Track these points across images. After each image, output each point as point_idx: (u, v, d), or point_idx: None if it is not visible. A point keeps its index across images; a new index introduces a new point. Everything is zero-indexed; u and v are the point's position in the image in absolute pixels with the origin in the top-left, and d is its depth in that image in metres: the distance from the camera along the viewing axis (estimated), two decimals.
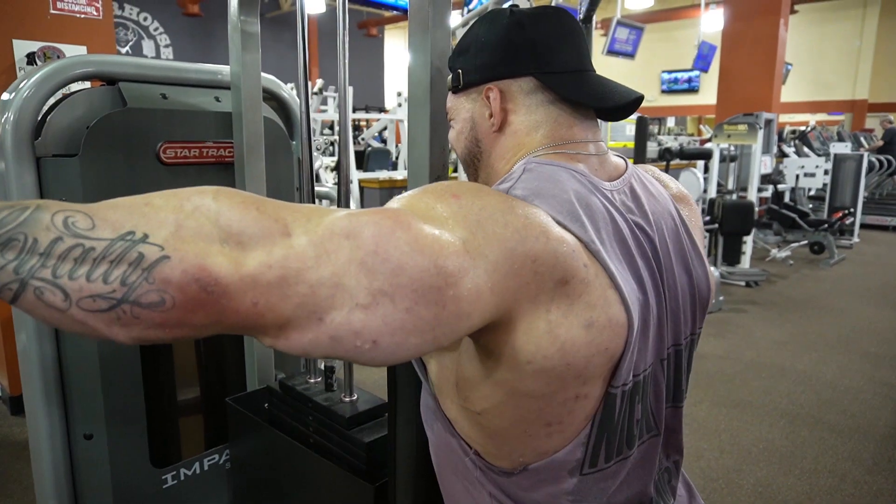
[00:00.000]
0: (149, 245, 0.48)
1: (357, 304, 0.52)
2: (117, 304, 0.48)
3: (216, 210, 0.52)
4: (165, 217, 0.50)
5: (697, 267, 0.79)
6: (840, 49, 14.20)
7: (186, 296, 0.48)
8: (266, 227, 0.52)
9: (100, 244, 0.48)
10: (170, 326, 0.49)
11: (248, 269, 0.50)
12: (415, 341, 0.54)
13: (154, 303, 0.48)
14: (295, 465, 1.11)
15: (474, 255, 0.55)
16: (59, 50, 2.80)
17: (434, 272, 0.53)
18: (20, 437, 2.63)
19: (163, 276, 0.48)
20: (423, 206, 0.58)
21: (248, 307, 0.51)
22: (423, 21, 0.84)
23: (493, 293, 0.56)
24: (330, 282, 0.52)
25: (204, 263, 0.49)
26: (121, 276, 0.48)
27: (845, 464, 2.52)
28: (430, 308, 0.53)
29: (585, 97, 0.73)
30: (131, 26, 10.17)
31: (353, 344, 0.53)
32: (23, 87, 1.09)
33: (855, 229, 7.57)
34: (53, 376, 1.17)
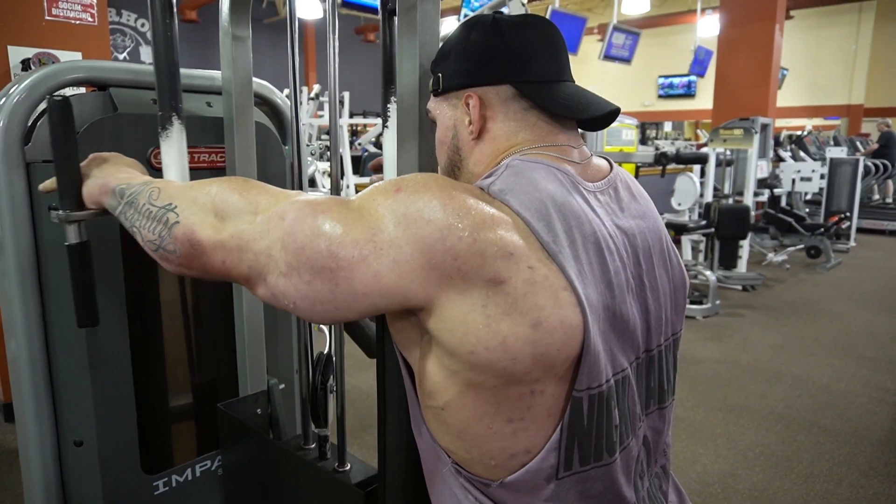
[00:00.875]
0: (173, 213, 0.76)
1: (280, 272, 0.67)
2: (157, 247, 0.78)
3: (217, 192, 0.75)
4: (190, 195, 0.77)
5: (675, 266, 0.80)
6: (836, 54, 14.26)
7: (184, 249, 0.74)
8: (241, 207, 0.72)
9: (155, 209, 0.79)
10: (183, 267, 0.76)
11: (220, 236, 0.72)
12: (321, 308, 0.66)
13: (171, 251, 0.76)
14: (286, 472, 1.10)
15: (383, 245, 0.63)
16: (54, 56, 2.81)
17: (326, 255, 0.64)
18: (12, 445, 2.62)
19: (174, 234, 0.75)
20: (366, 199, 0.67)
21: (219, 264, 0.72)
22: (411, 26, 0.84)
23: (399, 278, 0.62)
24: (265, 252, 0.68)
25: (195, 229, 0.74)
26: (159, 230, 0.77)
27: (841, 468, 2.51)
28: (325, 284, 0.64)
29: (561, 108, 0.74)
30: (129, 32, 10.18)
31: (284, 302, 0.68)
32: (13, 93, 1.09)
33: (851, 233, 7.59)
34: (43, 383, 1.16)
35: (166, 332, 1.39)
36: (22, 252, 1.11)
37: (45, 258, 1.13)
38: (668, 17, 13.77)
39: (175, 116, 1.09)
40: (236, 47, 1.18)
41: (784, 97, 9.47)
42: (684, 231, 4.85)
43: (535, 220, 0.64)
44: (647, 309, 0.74)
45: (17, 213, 1.10)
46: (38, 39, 2.77)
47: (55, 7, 2.79)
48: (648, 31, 9.10)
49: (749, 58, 7.20)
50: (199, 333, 1.46)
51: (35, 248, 1.12)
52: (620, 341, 0.70)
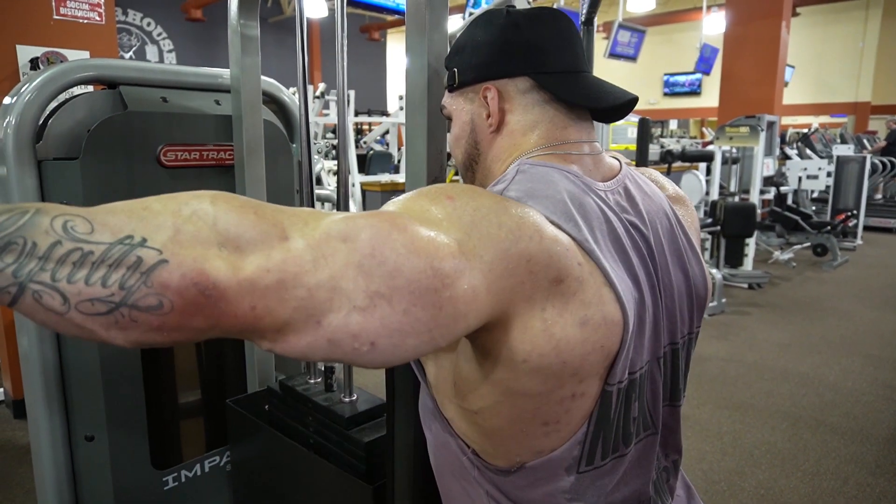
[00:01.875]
0: (147, 249, 0.48)
1: (354, 306, 0.52)
2: (116, 307, 0.48)
3: (214, 214, 0.52)
4: (164, 221, 0.50)
5: (694, 266, 0.79)
6: (842, 51, 14.18)
7: (185, 300, 0.48)
8: (263, 232, 0.52)
9: (98, 248, 0.47)
10: (168, 330, 0.49)
11: (246, 273, 0.50)
12: (412, 342, 0.54)
13: (152, 306, 0.48)
14: (294, 467, 1.11)
15: (469, 257, 0.56)
16: (62, 55, 2.82)
17: (430, 274, 0.54)
18: (23, 441, 2.64)
19: (161, 279, 0.48)
20: (418, 209, 0.59)
21: (245, 311, 0.51)
22: (420, 24, 0.85)
23: (489, 293, 0.57)
24: (327, 285, 0.52)
25: (202, 268, 0.49)
26: (119, 280, 0.47)
27: (848, 466, 2.51)
28: (427, 309, 0.54)
29: (581, 98, 0.74)
30: (135, 31, 10.22)
31: (352, 346, 0.53)
32: (24, 92, 1.10)
33: (858, 231, 7.55)
34: (55, 379, 1.18)
35: None
36: None
37: None
38: (673, 15, 13.72)
39: None
40: (245, 47, 1.19)
41: (790, 95, 9.43)
42: None
43: (564, 221, 0.63)
44: (662, 305, 0.74)
45: None
46: (46, 38, 2.78)
47: (63, 6, 2.80)
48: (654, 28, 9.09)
49: (755, 55, 7.17)
50: None
51: None
52: (643, 336, 0.70)
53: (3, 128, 1.09)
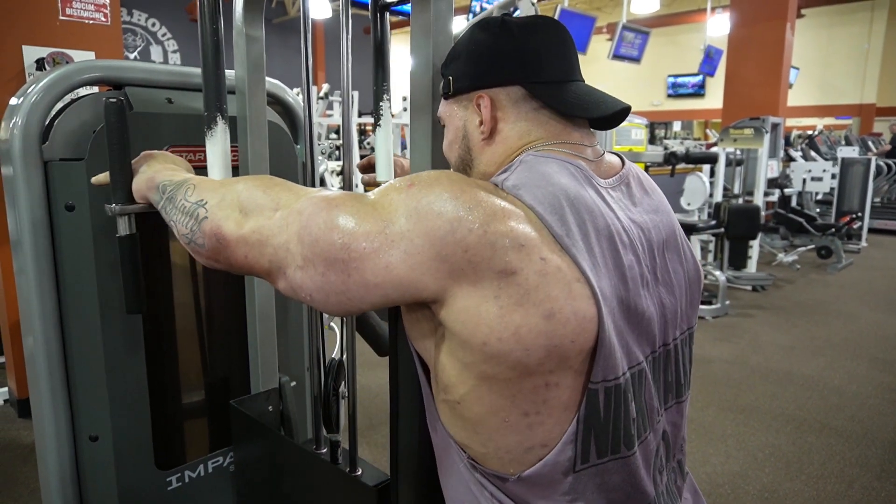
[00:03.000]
0: (203, 209, 0.81)
1: (297, 265, 0.70)
2: (189, 240, 0.82)
3: (243, 189, 0.79)
4: (219, 192, 0.81)
5: (689, 260, 0.81)
6: (848, 53, 14.15)
7: (210, 243, 0.78)
8: (263, 204, 0.75)
9: (189, 205, 0.83)
10: (211, 260, 0.80)
11: (243, 231, 0.75)
12: (335, 299, 0.68)
13: (200, 244, 0.80)
14: (298, 468, 1.11)
15: (394, 238, 0.64)
16: (67, 55, 2.83)
17: (339, 246, 0.66)
18: (27, 441, 2.65)
19: (202, 229, 0.79)
20: (381, 195, 0.69)
21: (242, 258, 0.76)
22: (424, 26, 0.85)
23: (412, 270, 0.64)
24: (284, 246, 0.71)
25: (220, 224, 0.77)
26: (190, 225, 0.82)
27: (853, 469, 2.50)
28: (338, 275, 0.66)
29: (571, 107, 0.75)
30: (139, 32, 10.25)
31: (301, 295, 0.71)
32: (31, 92, 1.11)
33: (863, 234, 7.53)
34: (59, 379, 1.18)
35: (179, 329, 1.40)
36: (39, 250, 1.12)
37: (62, 256, 1.14)
38: (677, 16, 13.70)
39: (220, 117, 1.11)
40: (250, 47, 1.19)
41: (795, 96, 9.41)
42: (694, 231, 4.83)
43: (548, 213, 0.65)
44: (663, 303, 0.75)
45: (34, 211, 1.11)
46: (52, 39, 2.80)
47: (69, 7, 2.81)
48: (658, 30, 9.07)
49: (759, 57, 7.15)
50: (211, 331, 1.47)
51: (52, 246, 1.14)
52: (636, 334, 0.70)
53: (10, 128, 1.10)
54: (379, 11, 1.06)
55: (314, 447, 1.11)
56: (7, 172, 1.12)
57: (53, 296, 1.15)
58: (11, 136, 1.10)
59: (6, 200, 1.14)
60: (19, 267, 1.14)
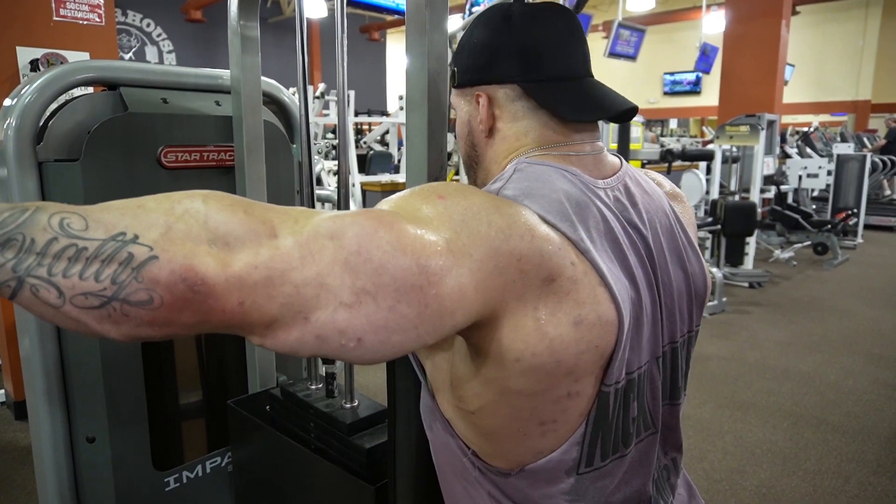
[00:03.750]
0: (138, 245, 0.49)
1: (341, 303, 0.53)
2: (108, 301, 0.49)
3: (205, 212, 0.53)
4: (156, 219, 0.51)
5: (693, 263, 0.79)
6: (843, 50, 14.17)
7: (174, 295, 0.49)
8: (253, 229, 0.53)
9: (92, 244, 0.49)
10: (159, 325, 0.50)
11: (235, 269, 0.51)
12: (398, 339, 0.55)
13: (143, 301, 0.49)
14: (296, 468, 1.11)
15: (458, 255, 0.56)
16: (62, 56, 2.82)
17: (416, 271, 0.54)
18: (24, 443, 2.64)
19: (151, 275, 0.49)
20: (408, 207, 0.59)
21: (234, 307, 0.51)
22: (420, 24, 0.84)
23: (477, 291, 0.57)
24: (314, 282, 0.53)
25: (191, 264, 0.50)
26: (111, 275, 0.49)
27: (849, 465, 2.51)
28: (413, 306, 0.54)
29: (568, 110, 0.72)
30: (134, 32, 10.22)
31: (339, 342, 0.54)
32: (25, 93, 1.10)
33: (858, 230, 7.54)
34: (56, 380, 1.18)
35: None
36: None
37: None
38: (673, 14, 13.71)
39: None
40: (245, 47, 1.19)
41: (790, 93, 9.42)
42: None
43: (559, 220, 0.63)
44: (662, 305, 0.74)
45: None
46: (46, 40, 2.78)
47: (63, 8, 2.80)
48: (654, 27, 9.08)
49: (755, 54, 7.16)
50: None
51: None
52: (641, 336, 0.70)
53: (4, 129, 1.09)
54: None
55: (309, 383, 1.11)
56: (1, 174, 1.12)
57: None
58: (5, 138, 1.09)
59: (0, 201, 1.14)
60: None
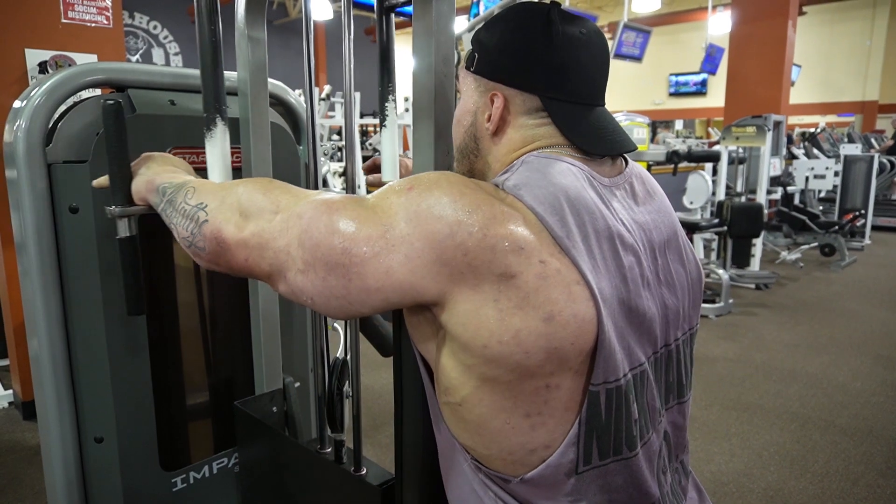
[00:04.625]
0: (203, 212, 0.80)
1: (298, 269, 0.69)
2: (190, 243, 0.81)
3: (243, 191, 0.78)
4: (219, 195, 0.81)
5: (691, 260, 0.80)
6: (849, 50, 14.11)
7: (210, 246, 0.78)
8: (263, 207, 0.75)
9: (189, 208, 0.83)
10: (212, 263, 0.80)
11: (244, 235, 0.75)
12: (335, 303, 0.68)
13: (200, 247, 0.79)
14: (302, 469, 1.11)
15: (395, 242, 0.64)
16: (70, 58, 2.84)
17: (340, 250, 0.66)
18: (32, 443, 2.66)
19: (203, 231, 0.79)
20: (381, 196, 0.69)
21: (241, 261, 0.75)
22: (426, 26, 0.84)
23: (413, 275, 0.64)
24: (284, 250, 0.70)
25: (221, 227, 0.77)
26: (191, 228, 0.81)
27: (858, 467, 2.49)
28: (339, 279, 0.66)
29: (578, 138, 0.74)
30: (141, 35, 10.27)
31: (303, 299, 0.70)
32: (34, 95, 1.11)
33: (866, 231, 7.51)
34: (64, 380, 1.18)
35: (183, 330, 1.41)
36: (43, 252, 1.12)
37: (66, 258, 1.15)
38: (678, 15, 13.68)
39: (219, 118, 1.12)
40: (251, 48, 1.20)
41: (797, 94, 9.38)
42: (697, 229, 4.82)
43: (549, 214, 0.65)
44: (665, 303, 0.74)
45: (38, 213, 1.11)
46: (54, 42, 2.80)
47: (71, 10, 2.82)
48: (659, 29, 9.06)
49: (761, 55, 7.14)
50: (215, 331, 1.48)
51: (56, 249, 1.14)
52: (637, 335, 0.70)
53: (14, 131, 1.10)
54: (384, 13, 1.06)
55: (318, 447, 1.11)
56: (11, 175, 1.13)
57: (58, 298, 1.15)
58: (15, 139, 1.10)
59: (10, 203, 1.15)
60: (24, 269, 1.15)
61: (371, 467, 1.02)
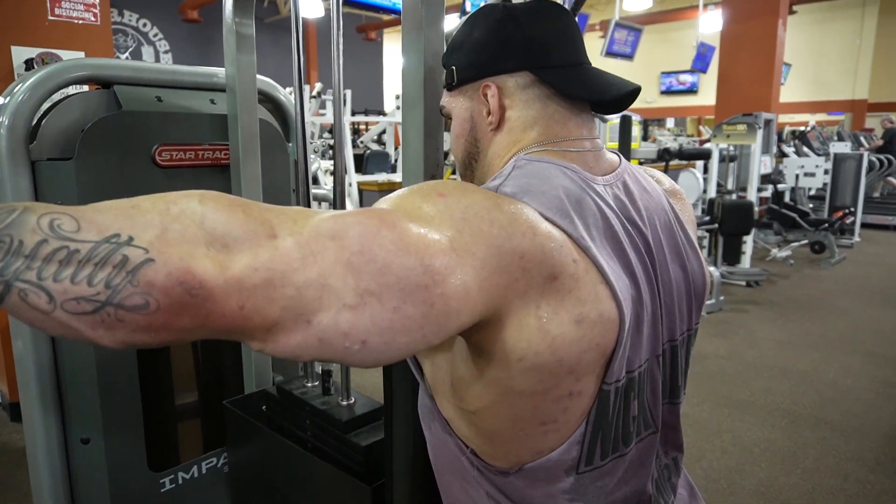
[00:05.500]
0: (133, 248, 0.47)
1: (344, 304, 0.51)
2: (101, 306, 0.47)
3: (202, 213, 0.51)
4: (151, 219, 0.49)
5: (693, 262, 0.79)
6: (839, 49, 14.19)
7: (171, 299, 0.47)
8: (251, 230, 0.51)
9: (85, 246, 0.47)
10: (154, 330, 0.48)
11: (234, 271, 0.50)
12: (403, 340, 0.54)
13: (138, 305, 0.47)
14: (292, 468, 1.10)
15: (461, 253, 0.55)
16: (57, 56, 2.81)
17: (420, 270, 0.53)
18: (20, 444, 2.63)
19: (147, 278, 0.47)
20: (409, 206, 0.58)
21: (233, 310, 0.50)
22: (416, 22, 0.84)
23: (481, 290, 0.56)
24: (316, 283, 0.51)
25: (188, 266, 0.48)
26: (105, 279, 0.46)
27: (848, 463, 2.51)
28: (419, 307, 0.53)
29: (583, 90, 0.73)
30: (131, 32, 10.19)
31: (343, 345, 0.52)
32: (18, 91, 1.09)
33: (855, 228, 7.56)
34: (50, 381, 1.17)
35: None
36: None
37: None
38: (669, 13, 13.71)
39: None
40: (240, 45, 1.18)
41: (787, 93, 9.44)
42: None
43: (559, 217, 0.63)
44: (661, 302, 0.74)
45: None
46: (41, 39, 2.77)
47: (58, 7, 2.79)
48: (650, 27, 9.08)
49: (752, 53, 7.17)
50: None
51: None
52: (641, 334, 0.70)
53: None
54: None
55: (306, 381, 1.11)
56: None
57: None
58: None
59: None
60: None
61: (359, 398, 1.02)
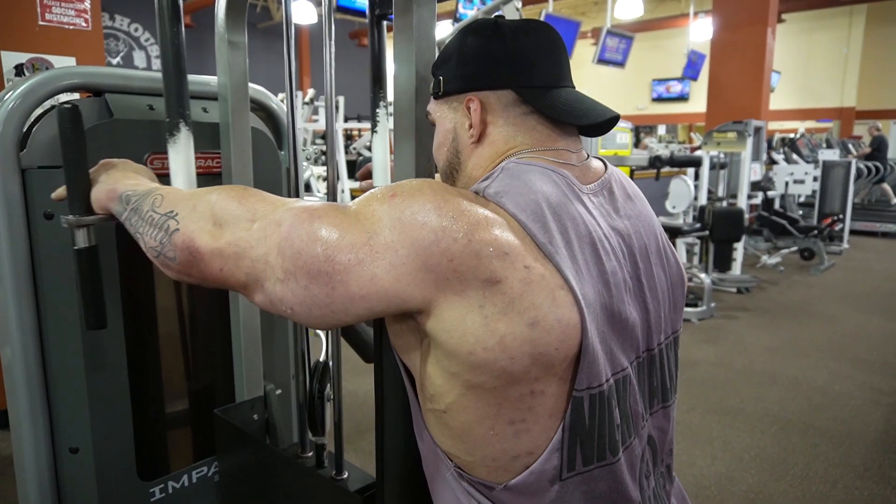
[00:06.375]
0: (174, 220, 0.77)
1: (277, 278, 0.68)
2: (158, 254, 0.78)
3: (216, 200, 0.76)
4: (191, 203, 0.78)
5: (672, 264, 0.81)
6: (827, 57, 14.35)
7: (183, 256, 0.75)
8: (239, 215, 0.73)
9: (157, 216, 0.79)
10: (182, 274, 0.77)
11: (218, 244, 0.72)
12: (318, 312, 0.67)
13: (171, 258, 0.76)
14: (282, 476, 1.10)
15: (379, 249, 0.64)
16: (47, 61, 2.80)
17: (323, 259, 0.65)
18: (7, 453, 2.60)
19: (174, 241, 0.76)
20: (363, 205, 0.68)
21: (216, 271, 0.73)
22: (407, 32, 0.84)
23: (397, 282, 0.63)
24: (262, 259, 0.69)
25: (193, 237, 0.74)
26: (160, 237, 0.78)
27: (837, 469, 2.52)
28: (322, 288, 0.65)
29: (561, 113, 0.75)
30: (122, 37, 10.15)
31: (282, 308, 0.69)
32: (7, 99, 1.09)
33: (844, 235, 7.62)
34: (38, 389, 1.16)
35: (162, 337, 1.38)
36: (17, 258, 1.10)
37: (41, 265, 1.12)
38: (661, 21, 13.83)
39: (182, 123, 1.10)
40: (232, 52, 1.18)
41: (777, 100, 9.52)
42: (679, 234, 4.87)
43: (531, 221, 0.65)
44: (647, 308, 0.75)
45: (12, 219, 1.09)
46: (31, 45, 2.76)
47: (48, 12, 2.78)
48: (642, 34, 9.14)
49: (742, 61, 7.23)
50: (195, 338, 1.46)
51: (30, 255, 1.12)
52: (620, 340, 0.70)
53: None
54: (376, 22, 1.06)
55: (300, 451, 1.10)
56: None
57: (32, 305, 1.13)
58: None
59: None
60: None
61: (353, 471, 1.01)
